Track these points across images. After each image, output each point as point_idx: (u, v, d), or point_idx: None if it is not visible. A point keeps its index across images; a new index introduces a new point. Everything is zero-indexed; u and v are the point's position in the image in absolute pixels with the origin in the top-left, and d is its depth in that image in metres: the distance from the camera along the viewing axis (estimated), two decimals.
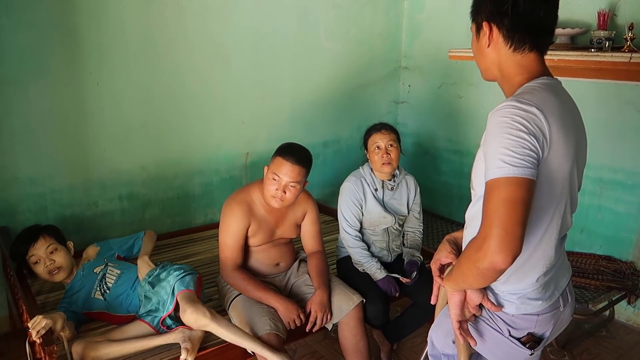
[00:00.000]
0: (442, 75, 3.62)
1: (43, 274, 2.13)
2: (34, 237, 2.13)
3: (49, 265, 2.12)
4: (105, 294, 2.10)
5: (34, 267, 2.12)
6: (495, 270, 1.06)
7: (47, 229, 2.21)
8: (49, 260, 2.12)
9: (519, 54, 1.21)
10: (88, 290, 2.12)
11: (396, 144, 2.35)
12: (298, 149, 2.09)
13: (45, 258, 2.12)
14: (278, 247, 2.24)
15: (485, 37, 1.23)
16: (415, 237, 2.50)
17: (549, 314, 1.27)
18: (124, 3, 2.64)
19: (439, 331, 1.42)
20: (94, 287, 2.12)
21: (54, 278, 2.14)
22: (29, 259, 2.12)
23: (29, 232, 2.17)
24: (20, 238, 2.16)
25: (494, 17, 1.20)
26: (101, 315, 2.10)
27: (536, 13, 1.18)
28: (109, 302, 2.09)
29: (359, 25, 3.60)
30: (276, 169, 2.03)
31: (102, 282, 2.13)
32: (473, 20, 1.27)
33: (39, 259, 2.12)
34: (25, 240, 2.13)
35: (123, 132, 2.78)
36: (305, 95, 3.45)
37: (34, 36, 2.43)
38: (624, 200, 2.79)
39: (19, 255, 2.14)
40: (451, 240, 1.39)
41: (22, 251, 2.12)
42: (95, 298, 2.10)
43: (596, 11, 2.60)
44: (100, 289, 2.12)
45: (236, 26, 3.05)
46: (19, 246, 2.14)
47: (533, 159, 1.06)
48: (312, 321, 2.05)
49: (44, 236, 2.15)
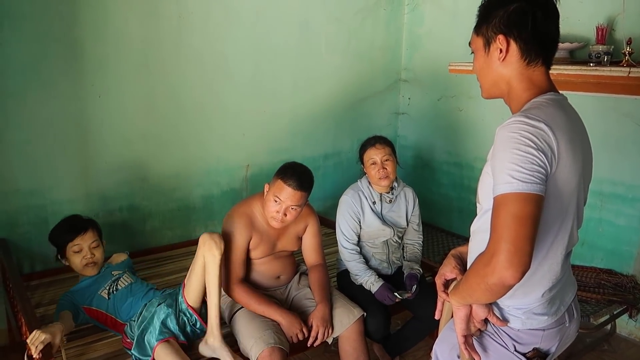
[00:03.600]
0: (442, 88, 3.64)
1: (78, 264, 2.16)
2: (84, 228, 2.18)
3: (88, 258, 2.16)
4: (111, 293, 2.11)
5: (72, 255, 2.16)
6: (503, 286, 1.06)
7: (95, 224, 2.26)
8: (90, 254, 2.17)
9: (531, 68, 1.21)
10: (98, 287, 2.14)
11: (392, 157, 2.35)
12: (300, 174, 2.04)
13: (87, 251, 2.17)
14: (279, 260, 2.23)
15: (497, 51, 1.21)
16: (415, 250, 2.49)
17: (555, 329, 1.26)
18: (126, 16, 2.65)
19: (443, 345, 1.41)
20: (104, 285, 2.14)
21: (85, 271, 2.17)
22: (71, 247, 2.15)
23: (79, 222, 2.22)
24: (69, 225, 2.20)
25: (512, 30, 1.19)
26: (97, 314, 2.09)
27: (550, 27, 1.19)
28: (112, 302, 2.09)
29: (359, 38, 3.62)
30: (277, 192, 2.02)
31: (114, 284, 2.15)
32: (480, 34, 1.25)
33: (81, 250, 2.16)
34: (74, 229, 2.17)
35: (124, 144, 2.78)
36: (305, 108, 3.46)
37: (36, 49, 2.45)
38: (624, 213, 2.79)
39: (62, 240, 2.17)
40: (456, 255, 1.38)
41: (68, 239, 2.15)
42: (100, 295, 2.11)
43: (595, 26, 2.62)
44: (109, 289, 2.13)
45: (237, 39, 3.07)
46: (66, 232, 2.17)
47: (541, 175, 1.06)
48: (313, 336, 2.04)
49: (92, 230, 2.21)
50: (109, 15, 2.61)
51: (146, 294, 2.12)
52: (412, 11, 3.79)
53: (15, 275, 2.27)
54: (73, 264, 2.18)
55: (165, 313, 1.95)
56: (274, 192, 2.03)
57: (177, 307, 2.00)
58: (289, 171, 2.04)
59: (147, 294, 2.12)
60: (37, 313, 2.18)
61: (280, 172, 2.06)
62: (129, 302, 2.08)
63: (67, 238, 2.16)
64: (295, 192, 2.01)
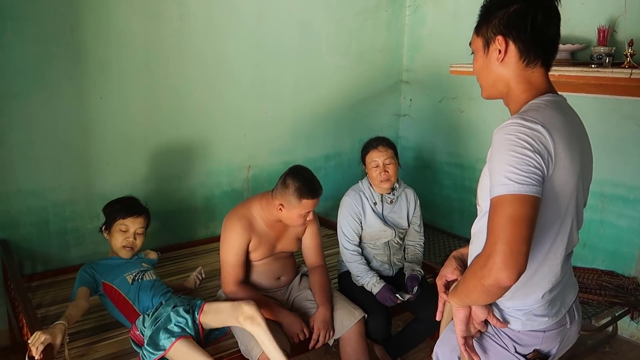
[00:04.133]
0: (443, 89, 3.64)
1: (118, 243, 2.19)
2: (138, 212, 2.23)
3: (129, 241, 2.20)
4: (136, 281, 2.13)
5: (117, 232, 2.19)
6: (499, 287, 1.06)
7: (148, 213, 2.30)
8: (133, 238, 2.21)
9: (530, 69, 1.21)
10: (125, 270, 2.16)
11: (394, 160, 2.34)
12: (311, 181, 2.07)
13: (132, 234, 2.20)
14: (279, 261, 2.23)
15: (496, 51, 1.22)
16: (416, 251, 2.49)
17: (556, 330, 1.26)
18: (128, 17, 2.66)
19: (444, 347, 1.41)
20: (131, 271, 2.16)
21: (121, 252, 2.20)
22: (119, 225, 2.19)
23: (136, 205, 2.27)
24: (127, 205, 2.24)
25: (511, 31, 1.19)
26: (116, 294, 2.10)
27: (550, 28, 1.19)
28: (134, 288, 2.10)
29: (360, 40, 3.63)
30: (305, 209, 2.06)
31: (140, 274, 2.17)
32: (480, 34, 1.26)
33: (127, 231, 2.20)
34: (130, 210, 2.22)
35: (125, 145, 2.79)
36: (306, 109, 3.47)
37: (38, 50, 2.45)
38: (625, 215, 2.79)
39: (115, 215, 2.20)
40: (457, 257, 1.38)
41: (120, 216, 2.19)
42: (125, 278, 2.13)
43: (596, 27, 2.62)
44: (135, 276, 2.15)
45: (239, 40, 3.07)
46: (122, 210, 2.21)
47: (538, 177, 1.06)
48: (315, 338, 2.04)
49: (144, 217, 2.26)
50: (111, 16, 2.61)
51: (164, 294, 2.13)
52: (413, 12, 3.79)
53: (17, 276, 2.27)
54: (113, 241, 2.21)
55: (184, 318, 1.96)
56: (301, 211, 2.05)
57: (193, 316, 2.00)
58: (304, 186, 2.03)
59: (165, 294, 2.13)
60: (38, 314, 2.19)
61: (298, 191, 2.03)
62: (150, 294, 2.09)
63: (120, 215, 2.19)
64: (317, 200, 2.08)
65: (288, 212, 2.05)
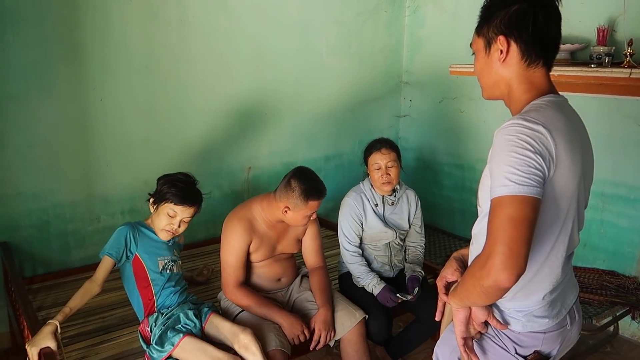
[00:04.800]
0: (443, 90, 3.64)
1: (161, 224, 2.04)
2: (191, 204, 2.04)
3: (174, 228, 2.04)
4: (165, 270, 2.05)
5: (163, 214, 2.02)
6: (499, 289, 1.06)
7: (201, 204, 2.10)
8: (177, 226, 2.04)
9: (531, 69, 1.21)
10: (160, 252, 2.07)
11: (396, 163, 2.34)
12: (315, 182, 2.08)
13: (177, 222, 2.04)
14: (280, 263, 2.23)
15: (498, 52, 1.22)
16: (417, 252, 2.49)
17: (556, 332, 1.26)
18: (128, 19, 2.66)
19: (444, 347, 1.41)
20: (164, 256, 2.07)
21: (162, 234, 2.07)
22: (168, 208, 2.01)
23: (193, 195, 2.06)
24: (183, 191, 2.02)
25: (512, 31, 1.19)
26: (143, 273, 2.03)
27: (551, 28, 1.19)
28: (162, 278, 2.04)
29: (360, 41, 3.63)
30: (312, 210, 2.07)
31: (171, 263, 2.09)
32: (481, 35, 1.26)
33: (174, 217, 2.03)
34: (184, 199, 2.01)
35: (126, 147, 2.79)
36: (307, 110, 3.47)
37: (38, 52, 2.45)
38: (626, 214, 2.79)
39: (167, 196, 2.00)
40: (458, 258, 1.38)
41: (173, 201, 2.00)
42: (157, 261, 2.05)
43: (596, 27, 2.62)
44: (166, 264, 2.06)
45: (239, 41, 3.07)
46: (177, 195, 2.00)
47: (539, 178, 1.06)
48: (316, 339, 2.04)
49: (196, 208, 2.07)
50: (111, 18, 2.61)
51: (182, 291, 2.11)
52: (413, 13, 3.79)
53: (17, 279, 2.28)
54: (157, 219, 2.05)
55: (192, 321, 1.97)
56: (307, 212, 2.06)
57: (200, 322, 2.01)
58: (310, 188, 2.04)
59: (183, 292, 2.11)
60: (39, 316, 2.19)
61: (304, 193, 2.02)
62: (173, 290, 2.06)
63: (172, 199, 2.00)
64: (322, 200, 2.09)
65: (294, 214, 2.06)
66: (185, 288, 2.15)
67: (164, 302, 2.04)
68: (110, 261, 1.98)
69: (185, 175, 2.10)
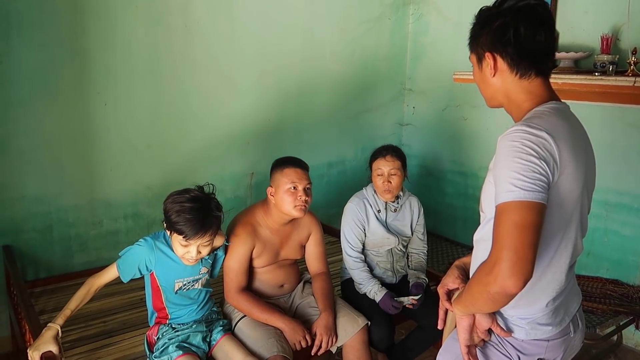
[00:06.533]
0: (447, 97, 3.64)
1: (178, 253, 1.85)
2: (205, 230, 1.78)
3: (192, 258, 1.83)
4: (180, 290, 1.92)
5: (177, 244, 1.82)
6: (506, 295, 1.05)
7: (219, 220, 1.85)
8: (196, 253, 1.82)
9: (525, 80, 1.22)
10: (178, 274, 1.90)
11: (400, 171, 2.33)
12: (293, 158, 2.15)
13: (194, 250, 1.81)
14: (282, 268, 2.22)
15: (488, 67, 1.24)
16: (420, 259, 2.48)
17: (559, 339, 1.25)
18: (132, 25, 2.68)
19: (447, 355, 1.40)
20: (183, 277, 1.91)
21: (184, 261, 1.87)
22: (179, 240, 1.79)
23: (205, 219, 1.78)
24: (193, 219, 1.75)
25: (496, 47, 1.21)
26: (155, 287, 1.92)
27: (538, 38, 1.20)
28: (175, 297, 1.93)
29: (364, 48, 3.64)
30: (290, 179, 2.05)
31: (191, 284, 1.94)
32: (473, 51, 1.29)
33: (188, 246, 1.80)
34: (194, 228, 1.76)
35: (129, 152, 2.80)
36: (310, 116, 3.47)
37: (43, 57, 2.47)
38: (630, 223, 2.78)
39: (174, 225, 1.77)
40: (460, 266, 1.38)
41: (180, 231, 1.76)
42: (173, 283, 1.90)
43: (599, 35, 2.63)
44: (184, 285, 1.92)
45: (242, 47, 3.08)
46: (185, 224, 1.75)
47: (543, 183, 1.06)
48: (317, 344, 2.03)
49: (213, 229, 1.82)
50: (116, 24, 2.63)
51: (201, 308, 2.01)
52: (416, 21, 3.80)
53: (19, 282, 2.27)
54: (173, 246, 1.86)
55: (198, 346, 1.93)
56: (287, 182, 2.05)
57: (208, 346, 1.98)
58: (283, 160, 2.12)
59: (202, 308, 2.01)
60: (40, 320, 2.18)
61: (278, 164, 2.12)
62: (186, 310, 1.98)
63: (180, 229, 1.76)
64: (303, 172, 2.09)
65: (278, 191, 2.06)
66: (206, 301, 2.04)
67: (177, 318, 1.98)
68: (115, 272, 1.89)
69: (194, 199, 1.80)
